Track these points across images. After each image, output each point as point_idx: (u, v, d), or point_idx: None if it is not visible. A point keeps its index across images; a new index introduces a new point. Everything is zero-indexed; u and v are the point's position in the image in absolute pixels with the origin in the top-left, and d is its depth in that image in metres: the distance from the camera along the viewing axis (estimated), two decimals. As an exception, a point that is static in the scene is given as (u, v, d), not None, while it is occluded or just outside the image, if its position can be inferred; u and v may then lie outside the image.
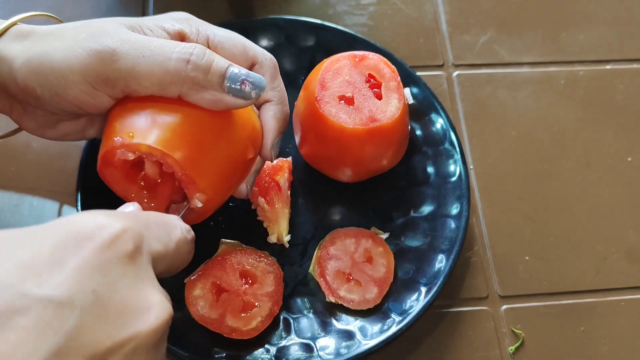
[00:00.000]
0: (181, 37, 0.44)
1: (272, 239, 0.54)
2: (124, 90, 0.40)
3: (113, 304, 0.28)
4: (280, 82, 0.47)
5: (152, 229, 0.34)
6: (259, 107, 0.47)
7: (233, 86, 0.40)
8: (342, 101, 0.52)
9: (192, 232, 0.38)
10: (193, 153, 0.40)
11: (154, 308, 0.30)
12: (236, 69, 0.40)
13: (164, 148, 0.39)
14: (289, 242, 0.54)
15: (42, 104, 0.42)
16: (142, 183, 0.43)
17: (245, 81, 0.40)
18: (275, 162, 0.55)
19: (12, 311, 0.26)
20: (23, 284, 0.26)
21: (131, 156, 0.40)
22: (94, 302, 0.28)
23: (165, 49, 0.39)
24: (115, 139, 0.39)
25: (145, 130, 0.39)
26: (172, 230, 0.36)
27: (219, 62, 0.40)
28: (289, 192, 0.56)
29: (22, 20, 0.43)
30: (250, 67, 0.45)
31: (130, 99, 0.41)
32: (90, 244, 0.29)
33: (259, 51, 0.46)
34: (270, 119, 0.45)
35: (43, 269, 0.27)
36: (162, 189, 0.43)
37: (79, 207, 0.51)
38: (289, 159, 0.57)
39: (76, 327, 0.27)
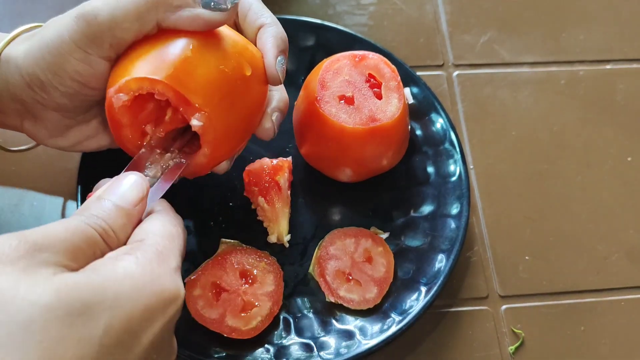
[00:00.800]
0: None
1: (272, 238, 0.54)
2: (112, 44, 0.41)
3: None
4: (266, 9, 0.47)
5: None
6: (255, 36, 0.47)
7: (207, 0, 0.41)
8: (342, 101, 0.52)
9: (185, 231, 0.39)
10: (179, 72, 0.40)
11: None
12: None
13: (148, 74, 0.39)
14: (288, 241, 0.55)
15: (49, 95, 0.42)
16: (146, 128, 0.43)
17: None
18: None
19: None
20: None
21: (124, 97, 0.40)
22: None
23: None
24: (109, 90, 0.41)
25: (130, 70, 0.40)
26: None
27: None
28: (289, 192, 0.56)
29: (27, 31, 0.44)
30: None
31: (119, 57, 0.42)
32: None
33: None
34: (267, 38, 0.45)
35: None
36: (167, 127, 0.44)
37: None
38: (289, 158, 0.57)
39: None
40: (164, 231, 0.36)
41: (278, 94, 0.48)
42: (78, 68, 0.41)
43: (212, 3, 0.41)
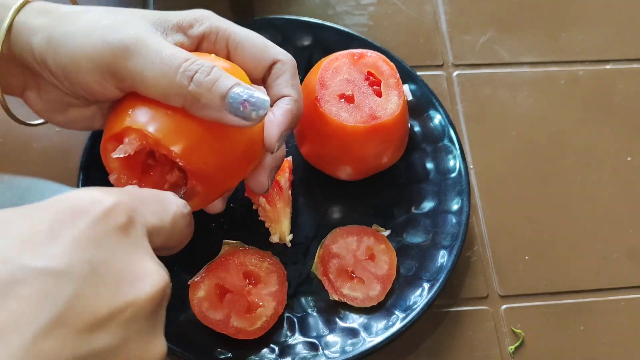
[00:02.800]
0: (199, 41, 0.44)
1: (275, 239, 0.54)
2: (131, 87, 0.40)
3: (109, 273, 0.30)
4: (298, 82, 0.46)
5: (147, 203, 0.35)
6: (274, 102, 0.46)
7: (234, 106, 0.40)
8: (342, 99, 0.52)
9: (189, 207, 0.39)
10: (191, 146, 0.40)
11: (149, 276, 0.31)
12: (240, 89, 0.40)
13: (165, 141, 0.40)
14: (291, 241, 0.55)
15: (55, 80, 0.42)
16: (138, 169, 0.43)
17: (246, 102, 0.40)
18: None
19: (13, 282, 0.27)
20: (22, 257, 0.28)
21: (137, 144, 0.40)
22: (90, 271, 0.29)
23: (174, 61, 0.39)
24: (127, 121, 0.40)
25: (153, 123, 0.40)
26: (167, 204, 0.37)
27: (223, 81, 0.40)
28: (290, 192, 0.56)
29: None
30: (271, 66, 0.45)
31: (140, 95, 0.41)
32: (84, 218, 0.30)
33: (280, 51, 0.46)
34: (282, 109, 0.44)
35: (41, 243, 0.29)
36: (158, 174, 0.43)
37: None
38: (289, 158, 0.57)
39: (74, 296, 0.28)
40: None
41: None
42: (90, 85, 0.41)
43: (239, 110, 0.40)
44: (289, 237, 0.54)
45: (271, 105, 0.45)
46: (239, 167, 0.44)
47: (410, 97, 0.59)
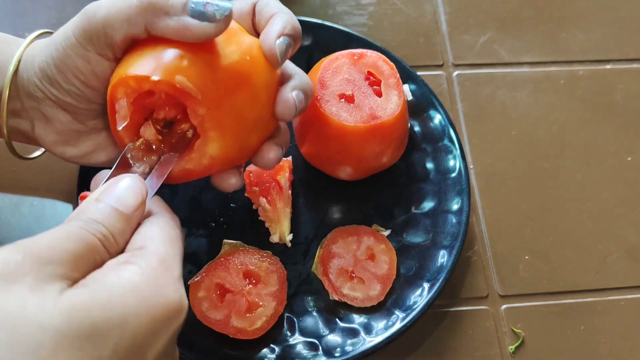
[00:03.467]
0: None
1: (275, 238, 0.54)
2: (107, 43, 0.40)
3: None
4: (282, 6, 0.45)
5: None
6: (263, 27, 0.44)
7: (195, 8, 0.39)
8: (343, 99, 0.52)
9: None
10: (176, 70, 0.39)
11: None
12: None
13: (147, 73, 0.39)
14: (291, 241, 0.55)
15: (57, 91, 0.42)
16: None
17: (208, 4, 0.39)
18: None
19: None
20: None
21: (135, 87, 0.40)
22: None
23: None
24: (110, 85, 0.40)
25: (129, 68, 0.40)
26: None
27: None
28: (290, 192, 0.56)
29: (40, 36, 0.45)
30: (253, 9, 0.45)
31: (120, 60, 0.41)
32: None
33: None
34: (275, 20, 0.43)
35: None
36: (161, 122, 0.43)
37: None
38: (289, 158, 0.57)
39: None
40: (164, 236, 0.36)
41: (298, 77, 0.45)
42: (78, 64, 0.41)
43: (201, 12, 0.39)
44: (289, 237, 0.54)
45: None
46: (252, 124, 0.43)
47: (410, 97, 0.59)
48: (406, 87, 0.59)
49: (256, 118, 0.43)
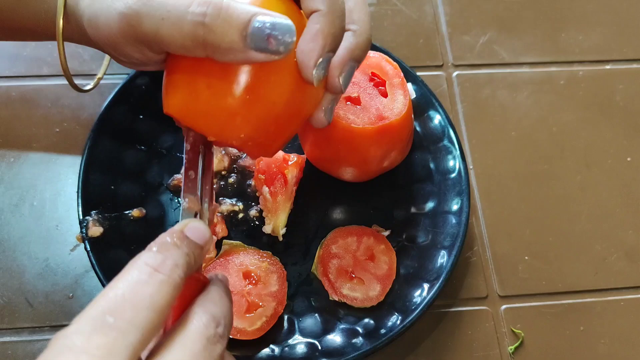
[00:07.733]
0: None
1: (267, 229, 0.54)
2: (162, 49, 0.38)
3: None
4: None
5: None
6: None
7: (258, 44, 0.35)
8: (349, 102, 0.52)
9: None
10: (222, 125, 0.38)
11: None
12: (259, 22, 0.34)
13: (179, 113, 0.38)
14: (291, 241, 0.54)
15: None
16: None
17: (270, 36, 0.34)
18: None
19: None
20: None
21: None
22: None
23: (179, 7, 0.35)
24: (165, 105, 0.39)
25: (172, 93, 0.38)
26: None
27: (240, 16, 0.35)
28: (294, 188, 0.56)
29: None
30: None
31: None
32: None
33: None
34: (310, 33, 0.37)
35: None
36: None
37: (79, 208, 0.51)
38: (303, 156, 0.57)
39: None
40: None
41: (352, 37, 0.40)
42: (132, 54, 0.39)
43: (265, 48, 0.35)
44: (282, 231, 0.54)
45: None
46: (286, 121, 0.40)
47: (414, 95, 0.59)
48: (410, 86, 0.58)
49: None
